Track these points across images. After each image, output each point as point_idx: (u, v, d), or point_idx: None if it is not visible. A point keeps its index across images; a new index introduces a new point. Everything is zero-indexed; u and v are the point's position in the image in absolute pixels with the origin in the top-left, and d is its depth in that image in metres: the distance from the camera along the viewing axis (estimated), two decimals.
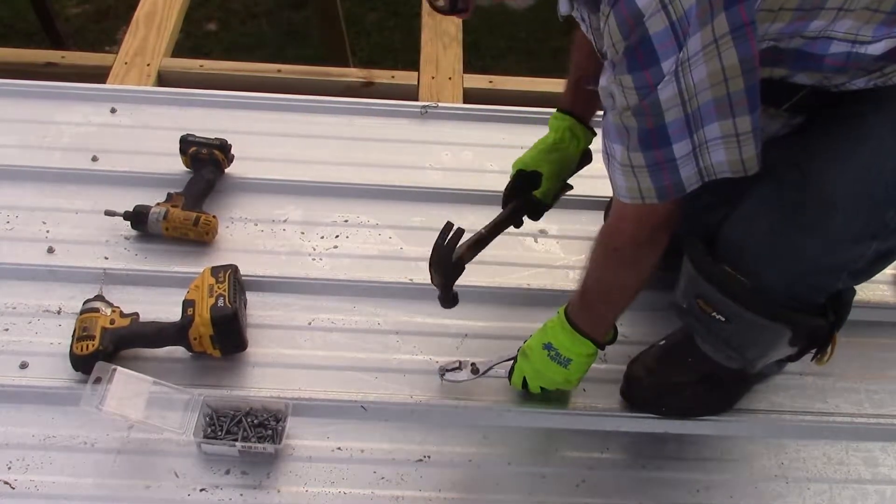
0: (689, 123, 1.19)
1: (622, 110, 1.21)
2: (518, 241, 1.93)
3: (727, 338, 1.44)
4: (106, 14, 4.39)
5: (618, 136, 1.26)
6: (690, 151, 1.22)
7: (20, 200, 1.93)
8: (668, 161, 1.23)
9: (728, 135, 1.21)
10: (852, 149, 1.25)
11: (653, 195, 1.28)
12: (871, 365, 1.77)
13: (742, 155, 1.23)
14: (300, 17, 4.39)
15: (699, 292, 1.42)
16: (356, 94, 2.42)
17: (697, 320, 1.45)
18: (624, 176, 1.28)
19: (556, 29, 4.41)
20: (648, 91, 1.16)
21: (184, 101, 2.21)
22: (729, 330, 1.42)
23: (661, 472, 1.59)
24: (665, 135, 1.20)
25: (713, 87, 1.16)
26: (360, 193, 2.00)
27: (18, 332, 1.69)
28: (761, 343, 1.43)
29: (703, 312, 1.42)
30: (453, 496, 1.53)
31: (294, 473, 1.53)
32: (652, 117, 1.19)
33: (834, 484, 1.60)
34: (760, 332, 1.41)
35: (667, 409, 1.62)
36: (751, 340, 1.44)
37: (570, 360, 1.53)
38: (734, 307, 1.38)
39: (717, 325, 1.42)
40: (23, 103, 2.16)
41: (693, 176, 1.25)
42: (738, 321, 1.40)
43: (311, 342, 1.73)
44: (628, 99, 1.19)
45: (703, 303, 1.41)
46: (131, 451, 1.54)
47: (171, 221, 1.83)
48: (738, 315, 1.39)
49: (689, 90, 1.15)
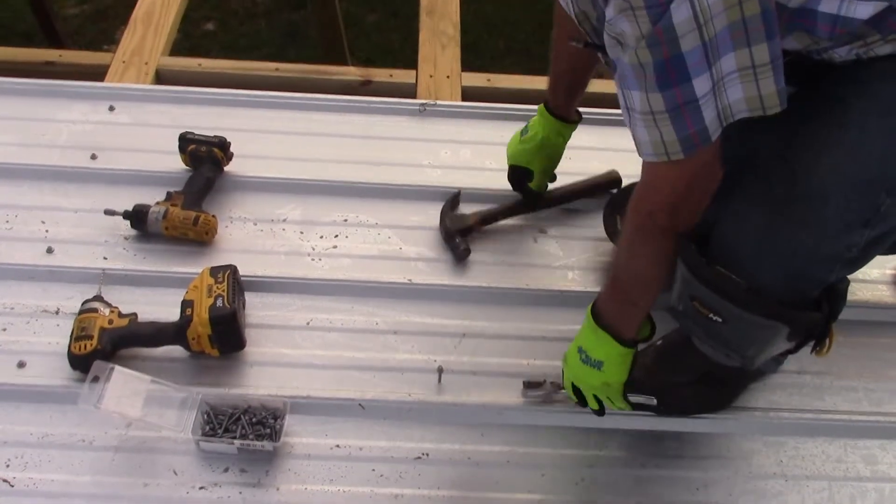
0: (707, 54, 1.13)
1: (636, 42, 1.14)
2: (517, 240, 1.94)
3: (725, 338, 1.44)
4: (104, 14, 4.38)
5: (635, 79, 1.18)
6: (711, 89, 1.16)
7: (19, 199, 1.93)
8: (688, 103, 1.16)
9: (744, 67, 1.15)
10: (838, 136, 1.23)
11: (677, 148, 1.21)
12: (870, 364, 1.77)
13: (760, 90, 1.16)
14: (299, 17, 4.39)
15: (694, 294, 1.41)
16: (354, 92, 2.42)
17: (694, 322, 1.45)
18: (645, 127, 1.22)
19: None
20: (660, 11, 1.10)
21: (182, 98, 2.21)
22: (726, 330, 1.41)
23: (659, 470, 1.60)
24: (683, 67, 1.14)
25: (728, 10, 1.10)
26: (359, 192, 2.00)
27: (17, 331, 1.69)
28: (759, 341, 1.43)
29: (699, 314, 1.42)
30: (452, 494, 1.53)
31: (293, 471, 1.53)
32: (667, 45, 1.12)
33: (833, 482, 1.60)
34: (758, 331, 1.41)
35: (665, 409, 1.62)
36: (749, 339, 1.44)
37: (602, 361, 1.47)
38: (730, 308, 1.38)
39: (714, 326, 1.41)
40: (21, 101, 2.16)
41: (714, 120, 1.19)
42: (735, 321, 1.39)
43: (310, 342, 1.73)
44: (641, 25, 1.12)
45: (698, 304, 1.41)
46: (129, 449, 1.54)
47: (171, 220, 1.82)
48: (734, 315, 1.38)
49: (703, 12, 1.09)
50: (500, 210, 1.94)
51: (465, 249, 1.86)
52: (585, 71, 1.77)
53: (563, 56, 1.74)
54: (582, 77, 1.79)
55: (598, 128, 2.19)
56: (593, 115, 2.24)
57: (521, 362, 1.71)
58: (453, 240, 1.88)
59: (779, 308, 1.36)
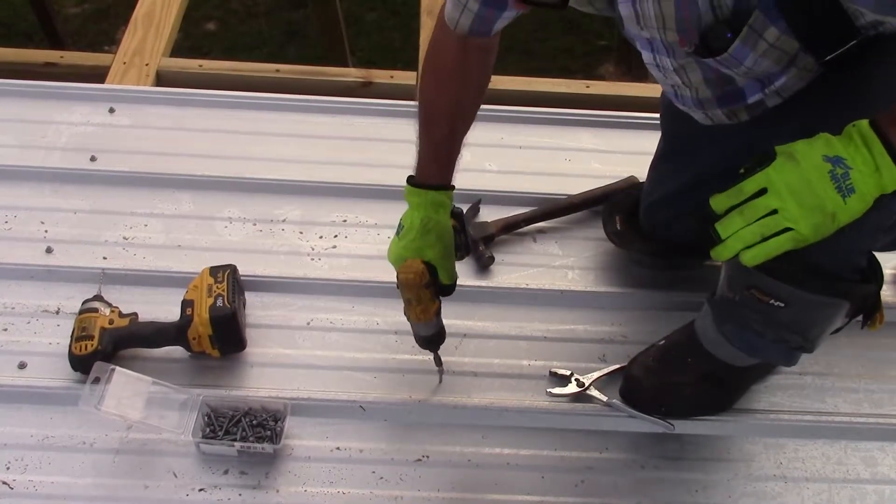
0: None
1: None
2: (517, 240, 1.93)
3: (788, 322, 1.41)
4: (105, 14, 4.39)
5: None
6: None
7: (18, 200, 1.93)
8: None
9: None
10: (865, 106, 1.18)
11: None
12: (870, 365, 1.76)
13: None
14: (299, 16, 4.39)
15: (751, 283, 1.38)
16: (355, 93, 2.42)
17: (753, 311, 1.42)
18: None
19: (555, 29, 4.44)
20: None
21: (183, 101, 2.21)
22: (789, 314, 1.38)
23: (659, 471, 1.59)
24: None
25: None
26: (359, 193, 2.00)
27: (17, 332, 1.69)
28: (821, 320, 1.41)
29: (759, 302, 1.39)
30: (452, 496, 1.53)
31: (293, 473, 1.53)
32: None
33: (833, 484, 1.60)
34: (820, 310, 1.38)
35: (666, 409, 1.62)
36: (811, 320, 1.41)
37: (855, 191, 1.13)
38: (791, 290, 1.35)
39: (776, 311, 1.38)
40: (21, 103, 2.16)
41: None
42: (797, 303, 1.36)
43: (310, 342, 1.73)
44: None
45: (758, 292, 1.37)
46: (130, 451, 1.54)
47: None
48: (796, 297, 1.35)
49: None
50: (521, 218, 1.93)
51: (489, 257, 1.86)
52: (471, 118, 1.61)
53: (443, 112, 1.56)
54: (469, 123, 1.60)
55: (598, 129, 2.19)
56: (593, 116, 2.25)
57: (521, 363, 1.71)
58: (477, 248, 1.87)
59: (835, 284, 1.34)
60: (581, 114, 2.24)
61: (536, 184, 2.03)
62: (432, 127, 1.56)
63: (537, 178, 2.05)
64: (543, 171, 2.08)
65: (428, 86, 1.59)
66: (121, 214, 1.91)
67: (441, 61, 1.57)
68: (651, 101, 2.07)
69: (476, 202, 1.95)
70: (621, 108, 2.30)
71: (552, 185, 2.02)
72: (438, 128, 1.55)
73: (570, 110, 2.26)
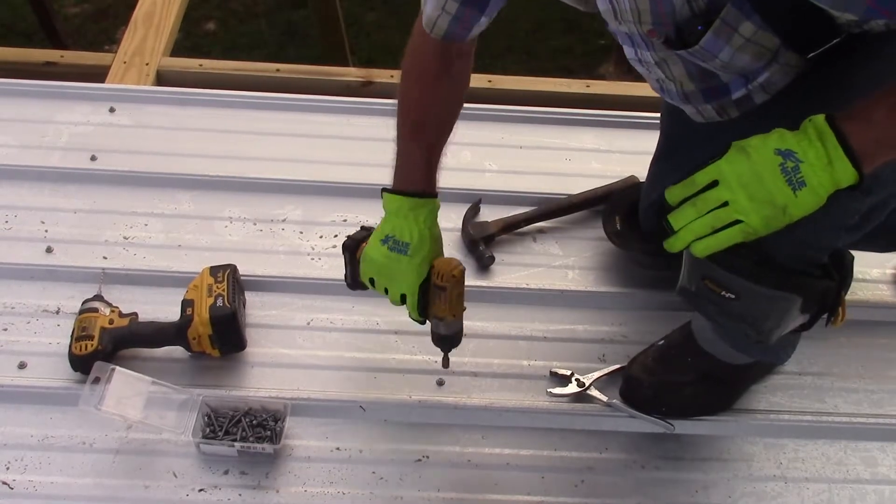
0: None
1: None
2: (517, 240, 1.93)
3: (740, 314, 1.40)
4: (105, 13, 4.38)
5: None
6: None
7: (19, 200, 1.93)
8: None
9: None
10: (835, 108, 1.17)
11: None
12: (870, 365, 1.76)
13: None
14: (300, 16, 4.39)
15: (704, 273, 1.38)
16: (355, 93, 2.42)
17: (709, 301, 1.41)
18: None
19: (555, 29, 4.43)
20: None
21: (183, 100, 2.21)
22: (740, 306, 1.38)
23: (659, 472, 1.59)
24: None
25: None
26: (359, 193, 2.00)
27: (17, 332, 1.69)
28: (774, 314, 1.39)
29: (712, 293, 1.38)
30: (452, 496, 1.53)
31: (293, 473, 1.53)
32: None
33: (833, 484, 1.60)
34: (772, 303, 1.37)
35: (666, 409, 1.62)
36: (763, 313, 1.40)
37: (806, 184, 1.13)
38: (741, 283, 1.34)
39: (728, 303, 1.38)
40: (21, 103, 2.16)
41: None
42: (748, 296, 1.35)
43: (310, 342, 1.73)
44: None
45: (710, 283, 1.37)
46: (130, 451, 1.54)
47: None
48: (746, 290, 1.35)
49: None
50: (521, 218, 1.93)
51: (490, 257, 1.86)
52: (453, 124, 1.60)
53: (431, 118, 1.56)
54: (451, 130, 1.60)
55: (599, 128, 2.19)
56: (594, 115, 2.25)
57: (521, 363, 1.71)
58: (477, 248, 1.88)
59: (789, 278, 1.33)
60: (581, 113, 2.24)
61: (536, 184, 2.03)
62: (420, 133, 1.54)
63: (537, 177, 2.05)
64: (543, 170, 2.08)
65: (412, 91, 1.57)
66: (121, 214, 1.91)
67: (423, 67, 1.56)
68: (651, 101, 2.07)
69: (476, 202, 1.96)
70: (621, 108, 2.30)
71: (552, 184, 2.02)
72: (426, 134, 1.54)
73: (571, 110, 2.26)
